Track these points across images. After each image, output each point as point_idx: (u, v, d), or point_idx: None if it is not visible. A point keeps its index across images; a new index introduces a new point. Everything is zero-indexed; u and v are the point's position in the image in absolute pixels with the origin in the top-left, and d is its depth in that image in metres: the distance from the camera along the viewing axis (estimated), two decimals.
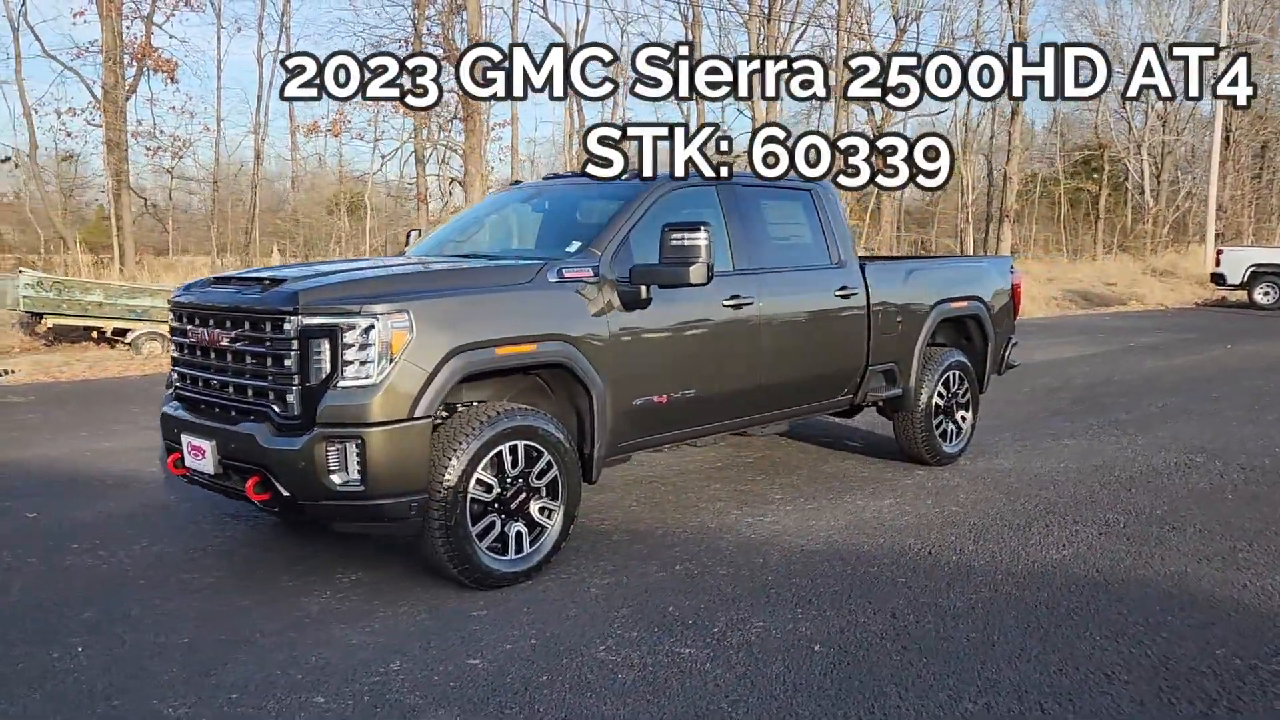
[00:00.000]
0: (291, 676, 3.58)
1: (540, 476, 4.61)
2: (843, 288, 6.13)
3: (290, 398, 4.13)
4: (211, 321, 4.50)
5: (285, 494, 4.16)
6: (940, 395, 6.94)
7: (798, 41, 33.96)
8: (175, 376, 4.86)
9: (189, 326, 4.66)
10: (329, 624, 4.09)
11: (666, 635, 4.00)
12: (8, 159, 27.37)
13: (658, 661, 3.75)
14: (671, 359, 5.16)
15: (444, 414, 4.57)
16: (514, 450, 4.48)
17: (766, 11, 31.58)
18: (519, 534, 4.54)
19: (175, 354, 4.84)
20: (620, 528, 5.52)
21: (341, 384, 4.06)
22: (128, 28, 25.62)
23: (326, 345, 4.08)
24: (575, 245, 5.08)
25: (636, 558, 4.98)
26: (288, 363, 4.13)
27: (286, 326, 4.13)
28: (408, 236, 6.45)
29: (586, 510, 5.86)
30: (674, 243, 4.80)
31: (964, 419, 7.19)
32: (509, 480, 4.49)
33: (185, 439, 4.56)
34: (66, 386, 10.79)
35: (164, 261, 26.13)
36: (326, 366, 4.08)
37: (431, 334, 4.18)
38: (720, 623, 4.14)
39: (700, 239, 4.78)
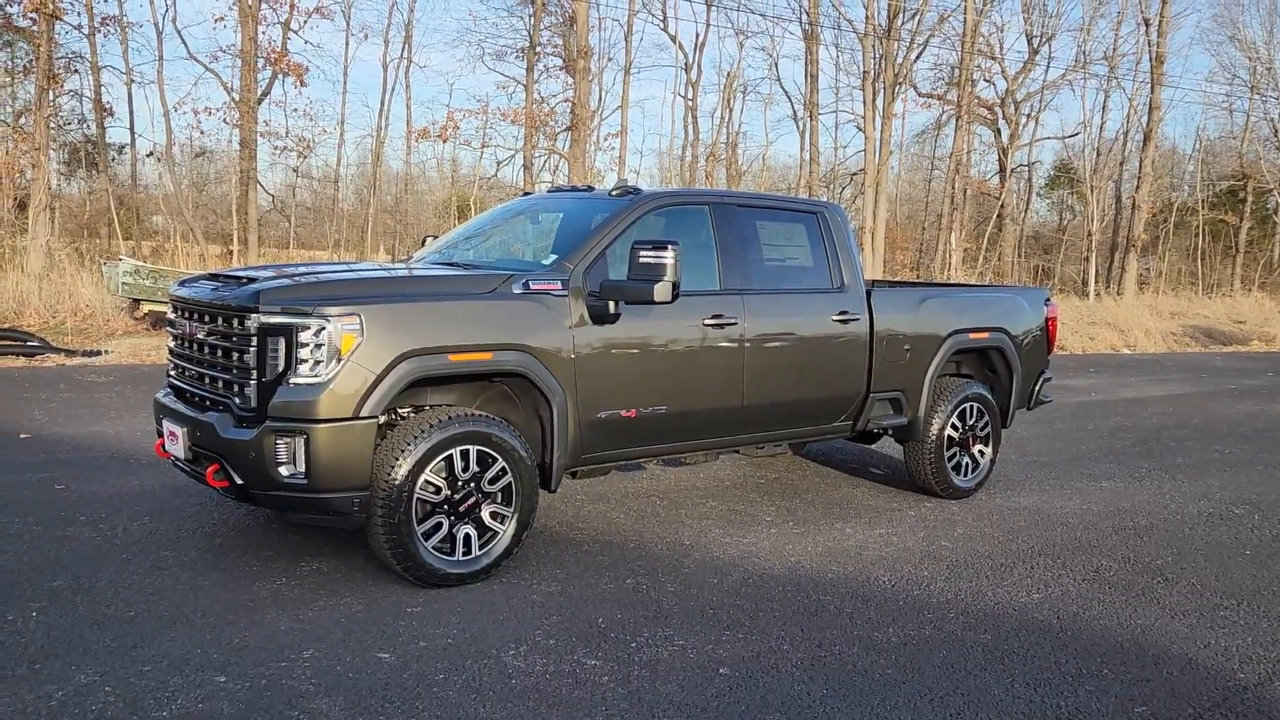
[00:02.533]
0: (208, 655, 3.79)
1: (494, 482, 4.73)
2: (842, 312, 6.06)
3: (248, 391, 4.37)
4: (194, 315, 4.79)
5: (239, 482, 4.39)
6: (954, 427, 6.78)
7: (917, 60, 33.33)
8: (169, 365, 5.17)
9: (178, 319, 4.96)
10: (268, 609, 4.29)
11: (582, 646, 4.06)
12: (152, 153, 29.20)
13: (559, 670, 3.82)
14: (641, 374, 5.21)
15: (407, 415, 4.76)
16: (465, 454, 4.62)
17: (885, 28, 31.07)
18: (467, 536, 4.67)
19: (169, 344, 5.16)
20: (594, 538, 5.59)
21: (293, 380, 4.27)
22: (263, 33, 27.10)
23: (282, 343, 4.29)
24: (551, 258, 5.18)
25: (594, 568, 5.05)
26: (247, 358, 4.37)
27: (248, 323, 4.36)
28: (424, 241, 6.67)
29: (567, 518, 5.97)
30: (641, 260, 4.86)
31: (981, 453, 6.99)
32: (459, 483, 4.62)
33: (165, 424, 4.86)
34: (148, 370, 11.47)
35: (285, 255, 27.46)
36: (281, 363, 4.30)
37: (381, 337, 4.34)
38: (641, 638, 4.18)
39: (667, 257, 4.83)
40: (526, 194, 6.69)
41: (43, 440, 7.46)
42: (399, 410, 4.81)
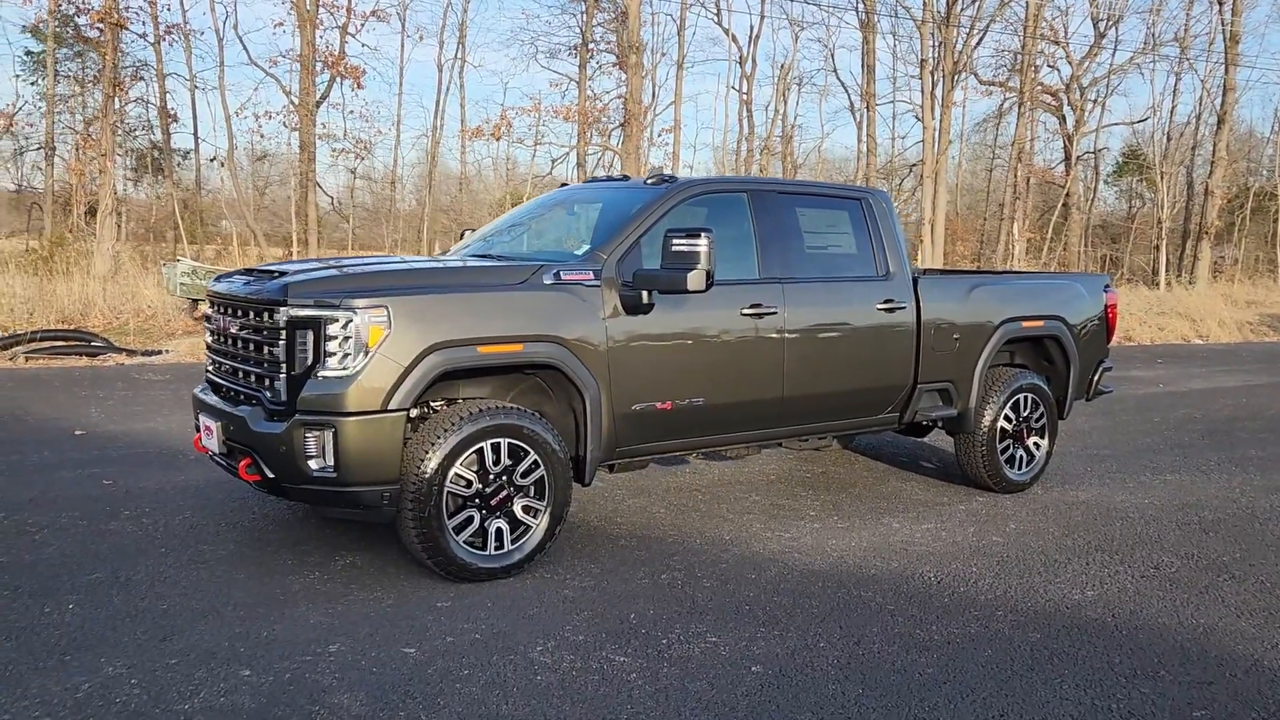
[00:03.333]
0: (234, 649, 3.77)
1: (526, 475, 4.66)
2: (887, 301, 5.89)
3: (278, 384, 4.35)
4: (228, 310, 4.79)
5: (270, 476, 4.37)
6: (1008, 419, 6.56)
7: (977, 46, 32.66)
8: (207, 361, 5.19)
9: (215, 314, 4.98)
10: (299, 602, 4.28)
11: (611, 642, 3.97)
12: (215, 158, 29.81)
13: (586, 667, 3.73)
14: (677, 366, 5.10)
15: (439, 408, 4.71)
16: (496, 447, 4.55)
17: (944, 15, 30.49)
18: (499, 530, 4.61)
19: (207, 339, 5.18)
20: (632, 532, 5.50)
21: (322, 374, 4.25)
22: (320, 36, 27.49)
23: (310, 336, 4.27)
24: (584, 248, 5.10)
25: (630, 563, 4.96)
26: (276, 351, 4.35)
27: (277, 317, 4.35)
28: (461, 234, 6.64)
29: (606, 512, 5.89)
30: (674, 248, 4.75)
31: (1036, 445, 6.76)
32: (491, 477, 4.56)
33: (202, 419, 4.87)
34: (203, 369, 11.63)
35: (343, 256, 27.85)
36: (310, 356, 4.27)
37: (409, 329, 4.30)
38: (673, 635, 4.07)
39: (700, 245, 4.72)
40: (564, 185, 6.61)
41: (96, 437, 7.58)
42: (431, 403, 4.77)
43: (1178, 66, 37.48)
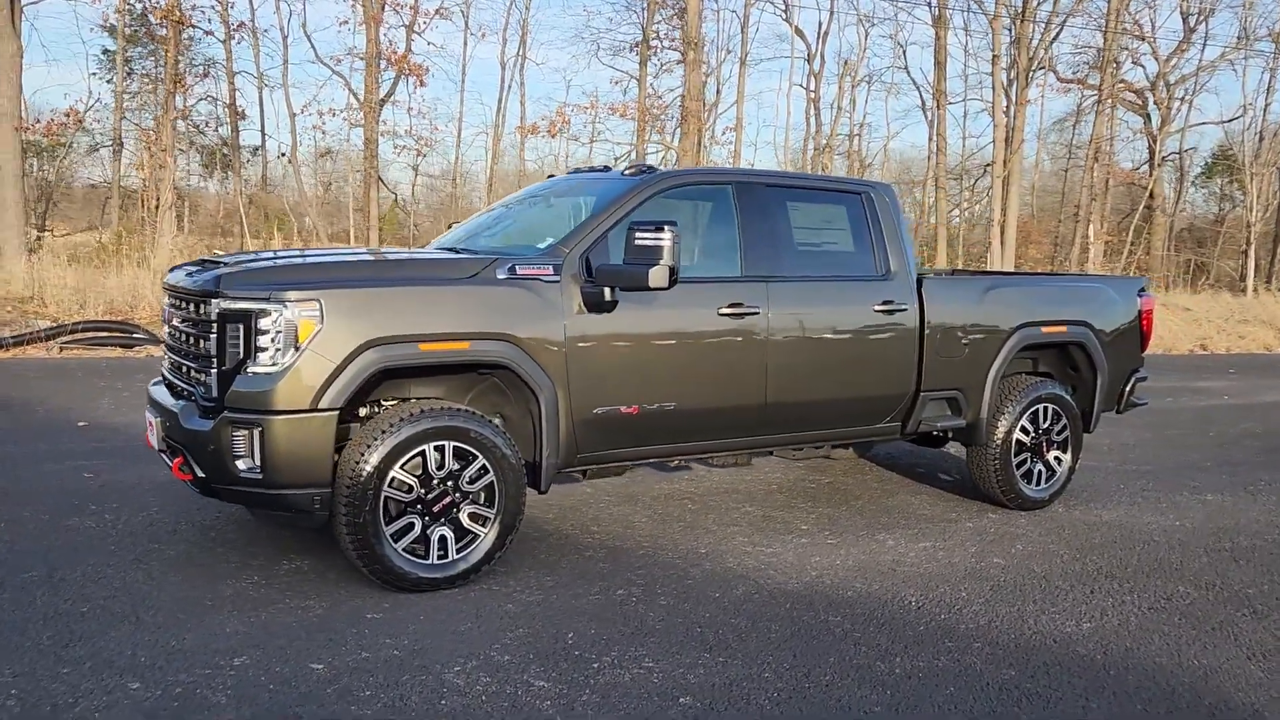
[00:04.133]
0: (135, 659, 3.58)
1: (473, 481, 4.40)
2: (886, 302, 5.50)
3: (209, 380, 4.17)
4: (174, 301, 4.63)
5: (200, 475, 4.19)
6: (1025, 431, 6.11)
7: (1053, 41, 31.57)
8: (163, 354, 5.05)
9: (166, 305, 4.82)
10: (224, 610, 4.08)
11: (538, 664, 3.69)
12: (283, 155, 30.32)
13: (500, 691, 3.46)
14: (645, 368, 4.80)
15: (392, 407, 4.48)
16: (440, 451, 4.31)
17: (1020, 9, 29.50)
18: (443, 538, 4.36)
19: (163, 332, 5.03)
20: (604, 542, 5.21)
21: (251, 369, 4.05)
22: (384, 34, 27.72)
23: (241, 330, 4.07)
24: (548, 241, 4.83)
25: (589, 576, 4.68)
26: (207, 345, 4.17)
27: (209, 309, 4.16)
28: (449, 227, 6.42)
29: (585, 519, 5.63)
30: (637, 242, 4.46)
31: (1058, 460, 6.29)
32: (434, 482, 4.32)
33: (148, 414, 4.73)
34: None
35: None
36: (240, 351, 4.07)
37: (342, 325, 4.07)
38: (608, 658, 3.78)
39: (664, 239, 4.41)
40: (550, 176, 6.35)
41: (97, 429, 7.56)
42: (384, 402, 4.55)
43: (1272, 63, 35.83)
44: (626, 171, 5.23)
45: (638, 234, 4.45)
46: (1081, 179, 33.21)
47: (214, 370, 4.14)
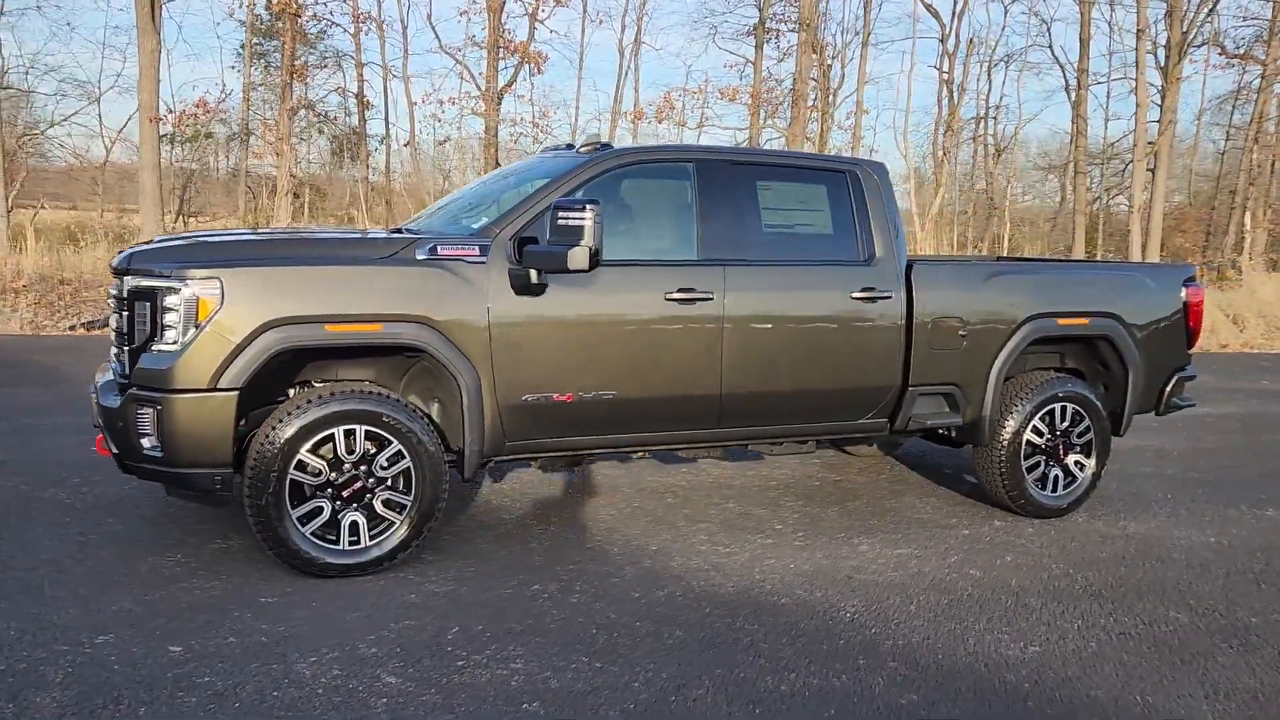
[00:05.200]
0: (6, 631, 3.62)
1: (388, 466, 4.30)
2: (866, 289, 5.10)
3: (123, 358, 4.20)
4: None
5: (115, 451, 4.23)
6: (1037, 431, 5.59)
7: (1209, 14, 29.28)
8: None
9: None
10: (128, 587, 4.10)
11: (400, 659, 3.55)
12: (408, 144, 31.16)
13: (341, 686, 3.33)
14: (579, 354, 4.58)
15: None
16: (351, 435, 4.22)
17: None
18: (355, 524, 4.28)
19: None
20: (557, 534, 5.04)
21: (156, 347, 4.05)
22: (504, 22, 28.09)
23: (149, 308, 4.07)
24: (483, 221, 4.67)
25: (513, 569, 4.51)
26: (121, 323, 4.19)
27: (123, 288, 4.18)
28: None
29: (546, 509, 5.47)
30: (559, 221, 4.25)
31: (1079, 465, 5.74)
32: (345, 466, 4.23)
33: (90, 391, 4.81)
34: None
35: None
36: (148, 329, 4.08)
37: (243, 303, 4.02)
38: (481, 656, 3.61)
39: (585, 219, 4.19)
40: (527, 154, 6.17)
41: None
42: (314, 384, 4.50)
43: None
44: (581, 149, 5.01)
45: (560, 213, 4.24)
46: (1240, 162, 30.80)
47: (126, 348, 4.16)
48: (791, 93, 23.32)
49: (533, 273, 4.37)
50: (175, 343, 4.00)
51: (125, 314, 4.15)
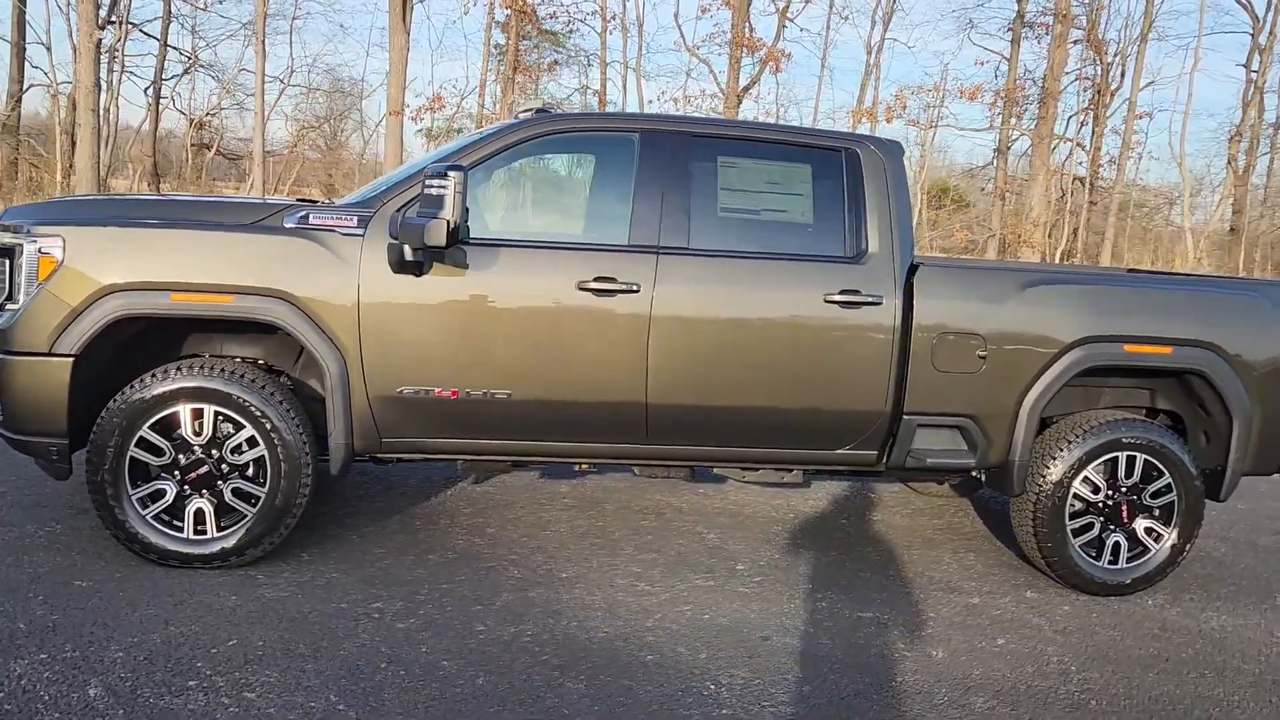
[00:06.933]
0: None
1: (240, 453, 3.92)
2: (846, 291, 4.16)
3: None
4: None
5: None
6: (1091, 484, 4.41)
7: None
8: None
9: None
10: (38, 585, 3.76)
11: (132, 670, 3.14)
12: None
13: (33, 692, 2.97)
14: (465, 345, 4.00)
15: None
16: (199, 415, 3.88)
17: None
18: (200, 512, 3.93)
19: None
20: (462, 550, 4.48)
21: (9, 306, 3.88)
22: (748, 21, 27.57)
23: (7, 265, 3.91)
24: (376, 191, 4.19)
25: (374, 583, 4.00)
26: None
27: None
28: None
29: (492, 519, 4.96)
30: (425, 190, 3.70)
31: (1152, 533, 4.48)
32: (192, 448, 3.90)
33: None
34: None
35: None
36: (6, 287, 3.92)
37: (84, 265, 3.76)
38: (220, 680, 3.13)
39: (445, 187, 3.62)
40: None
41: None
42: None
43: None
44: (519, 114, 4.42)
45: (427, 181, 3.69)
46: None
47: None
48: (1042, 90, 21.24)
49: (406, 249, 3.84)
50: (17, 303, 3.81)
51: None
